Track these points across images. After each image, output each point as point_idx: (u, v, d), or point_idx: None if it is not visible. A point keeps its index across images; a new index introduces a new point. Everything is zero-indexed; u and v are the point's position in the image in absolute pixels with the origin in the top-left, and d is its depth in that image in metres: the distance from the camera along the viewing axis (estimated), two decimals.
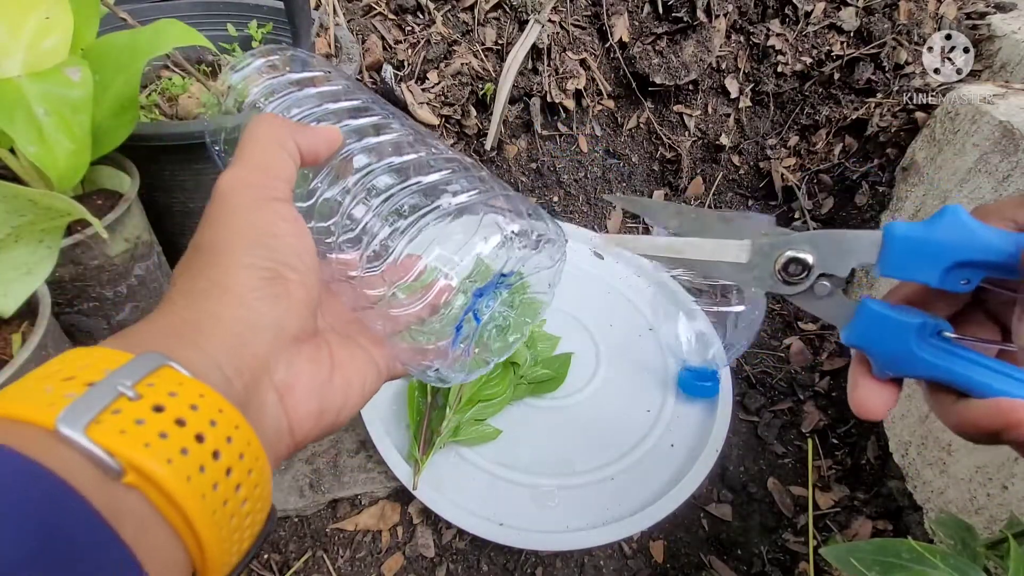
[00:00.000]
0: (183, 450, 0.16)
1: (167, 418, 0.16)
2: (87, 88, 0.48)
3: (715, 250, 0.25)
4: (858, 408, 0.23)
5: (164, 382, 0.17)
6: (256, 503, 0.18)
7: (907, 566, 0.36)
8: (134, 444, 0.15)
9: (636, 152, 0.98)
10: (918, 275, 0.21)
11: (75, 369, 0.16)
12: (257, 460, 0.18)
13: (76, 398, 0.15)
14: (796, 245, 0.23)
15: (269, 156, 0.23)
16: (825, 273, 0.23)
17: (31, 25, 0.48)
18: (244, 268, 0.20)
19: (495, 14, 0.89)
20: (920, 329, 0.21)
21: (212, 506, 0.16)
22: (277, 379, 0.21)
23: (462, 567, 0.60)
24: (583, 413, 0.68)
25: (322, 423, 0.22)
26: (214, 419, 0.17)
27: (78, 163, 0.49)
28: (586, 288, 0.82)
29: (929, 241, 0.21)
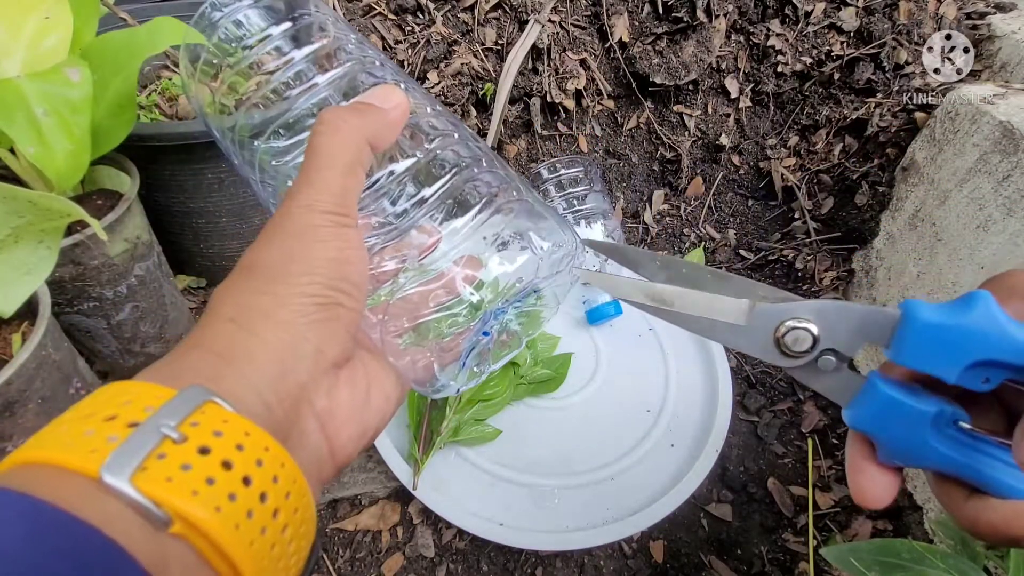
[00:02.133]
0: (231, 496, 0.15)
1: (213, 461, 0.16)
2: (86, 88, 0.48)
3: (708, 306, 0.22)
4: (862, 498, 0.21)
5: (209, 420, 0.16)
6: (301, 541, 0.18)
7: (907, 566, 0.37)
8: (182, 492, 0.15)
9: (636, 152, 0.98)
10: (935, 369, 0.18)
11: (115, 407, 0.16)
12: (302, 497, 0.18)
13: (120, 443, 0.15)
14: (801, 314, 0.21)
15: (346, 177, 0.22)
16: (831, 348, 0.21)
17: (31, 25, 0.48)
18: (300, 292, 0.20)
19: (495, 14, 0.89)
20: (936, 419, 0.19)
21: (260, 552, 0.16)
22: (318, 407, 0.20)
23: (462, 567, 0.60)
24: (583, 413, 0.68)
25: (362, 443, 0.22)
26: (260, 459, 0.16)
27: (78, 163, 0.49)
28: (586, 288, 0.82)
29: (952, 332, 0.18)
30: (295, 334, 0.19)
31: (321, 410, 0.20)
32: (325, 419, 0.20)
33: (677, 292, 0.23)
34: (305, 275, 0.20)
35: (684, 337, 0.77)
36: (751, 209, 0.97)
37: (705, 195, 0.97)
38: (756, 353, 0.22)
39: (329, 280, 0.20)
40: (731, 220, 0.97)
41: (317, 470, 0.21)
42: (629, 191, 0.99)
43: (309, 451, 0.20)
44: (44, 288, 0.50)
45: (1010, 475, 0.18)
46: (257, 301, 0.20)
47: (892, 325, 0.19)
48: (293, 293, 0.20)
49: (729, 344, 0.22)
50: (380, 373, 0.23)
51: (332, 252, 0.21)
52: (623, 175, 0.98)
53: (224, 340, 0.19)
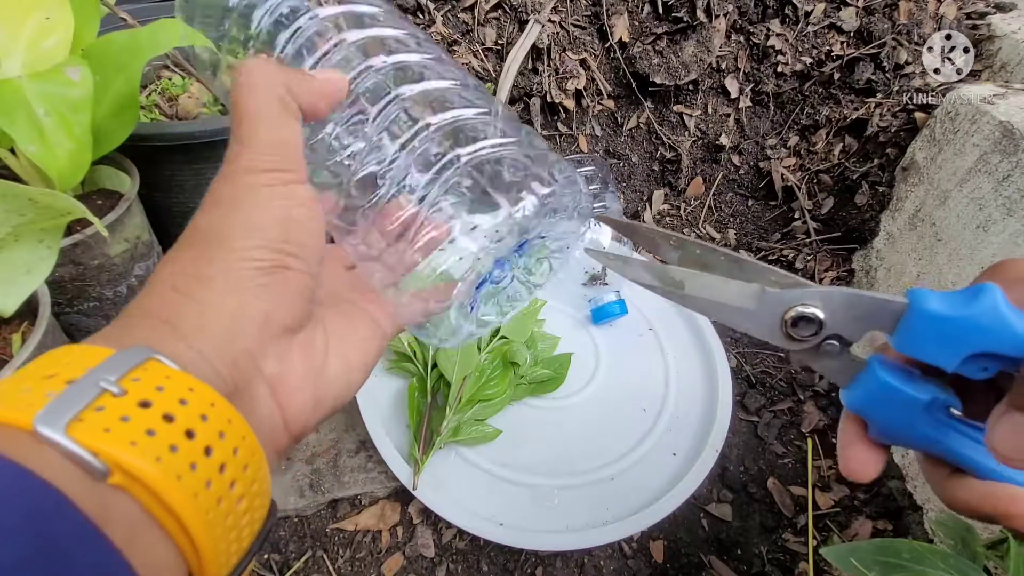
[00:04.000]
0: (172, 447, 0.15)
1: (154, 414, 0.15)
2: (87, 88, 0.48)
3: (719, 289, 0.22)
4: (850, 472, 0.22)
5: (151, 376, 0.16)
6: (254, 499, 0.17)
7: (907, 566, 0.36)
8: (119, 442, 0.14)
9: (636, 152, 0.98)
10: (935, 358, 0.19)
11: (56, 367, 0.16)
12: (253, 455, 0.17)
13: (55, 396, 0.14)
14: (809, 301, 0.21)
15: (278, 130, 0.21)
16: (835, 334, 0.21)
17: (31, 25, 0.48)
18: (243, 257, 0.19)
19: (495, 14, 0.89)
20: (929, 405, 0.20)
21: (205, 505, 0.15)
22: (268, 373, 0.20)
23: (462, 567, 0.60)
24: (583, 413, 0.68)
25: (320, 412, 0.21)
26: (205, 413, 0.16)
27: (79, 163, 0.49)
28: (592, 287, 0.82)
29: (956, 323, 0.18)
30: (239, 300, 0.19)
31: (271, 376, 0.20)
32: (276, 385, 0.20)
33: (688, 274, 0.23)
34: (244, 239, 0.19)
35: (684, 337, 0.77)
36: (751, 209, 0.97)
37: (705, 195, 0.97)
38: (763, 336, 0.22)
39: (271, 243, 0.20)
40: (731, 220, 0.97)
41: (271, 438, 0.20)
42: (629, 191, 0.99)
43: (261, 418, 0.19)
44: (44, 288, 0.50)
45: (990, 458, 0.19)
46: (198, 269, 0.19)
47: (897, 314, 0.20)
48: (234, 259, 0.19)
49: (737, 327, 0.23)
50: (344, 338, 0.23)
51: (275, 212, 0.20)
52: (623, 175, 0.98)
53: (168, 307, 0.18)
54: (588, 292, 0.76)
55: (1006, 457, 0.18)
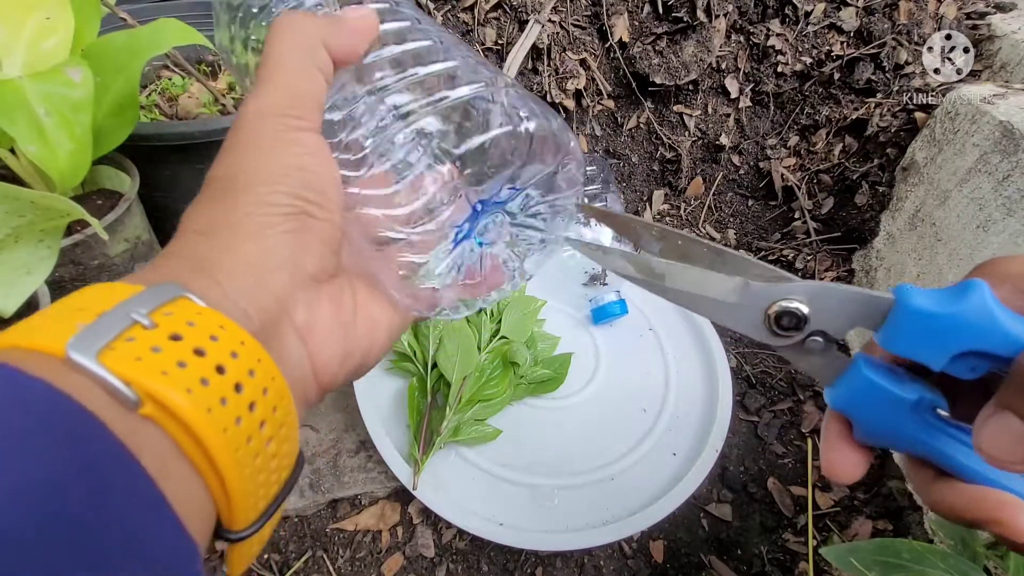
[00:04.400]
0: (203, 380, 0.15)
1: (185, 347, 0.15)
2: (88, 88, 0.48)
3: (700, 282, 0.22)
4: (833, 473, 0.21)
5: (181, 311, 0.16)
6: (282, 444, 0.17)
7: (907, 566, 0.37)
8: (151, 372, 0.14)
9: (636, 152, 0.98)
10: (922, 356, 0.18)
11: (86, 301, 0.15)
12: (282, 398, 0.17)
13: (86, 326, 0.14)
14: (793, 295, 0.21)
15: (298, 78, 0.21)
16: (820, 330, 0.21)
17: (32, 25, 0.48)
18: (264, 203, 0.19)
19: (495, 14, 0.89)
20: (916, 405, 0.19)
21: (235, 442, 0.15)
22: (298, 321, 0.19)
23: (462, 567, 0.60)
24: (583, 413, 0.68)
25: (348, 366, 0.21)
26: (235, 351, 0.16)
27: (79, 163, 0.49)
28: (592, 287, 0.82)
29: (944, 321, 0.18)
30: (265, 246, 0.19)
31: (301, 324, 0.20)
32: (305, 334, 0.20)
33: (670, 267, 0.22)
34: (264, 184, 0.19)
35: (684, 337, 0.77)
36: (751, 209, 0.97)
37: (705, 195, 0.97)
38: (746, 331, 0.22)
39: (292, 188, 0.19)
40: (731, 220, 0.97)
41: (301, 388, 0.20)
42: (629, 191, 0.99)
43: (291, 365, 0.19)
44: (44, 288, 0.50)
45: (977, 461, 0.19)
46: (222, 214, 0.19)
47: (884, 310, 0.19)
48: (256, 203, 0.19)
49: (719, 321, 0.22)
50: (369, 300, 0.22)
51: (289, 159, 0.20)
52: (623, 175, 0.98)
53: (197, 250, 0.18)
54: (588, 292, 0.76)
55: (993, 458, 0.17)
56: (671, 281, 0.22)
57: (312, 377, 0.20)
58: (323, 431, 0.67)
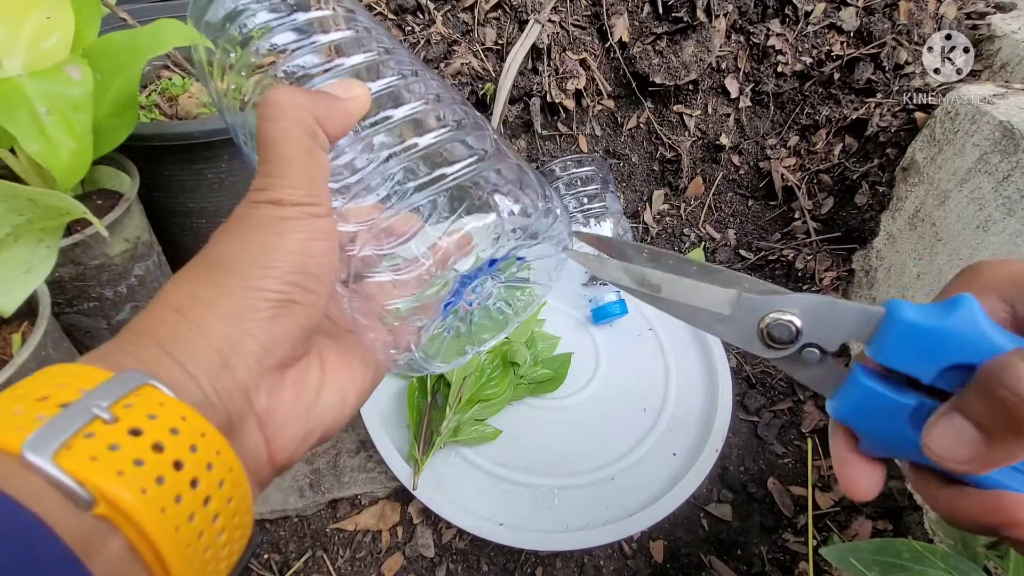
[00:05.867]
0: (159, 479, 0.15)
1: (144, 443, 0.15)
2: (88, 86, 0.48)
3: (695, 294, 0.22)
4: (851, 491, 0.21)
5: (144, 403, 0.16)
6: (235, 531, 0.17)
7: (907, 566, 0.36)
8: (106, 472, 0.14)
9: (636, 152, 0.98)
10: (912, 368, 0.19)
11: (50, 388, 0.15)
12: (238, 487, 0.17)
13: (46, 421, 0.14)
14: (785, 308, 0.21)
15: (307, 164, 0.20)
16: (812, 343, 0.21)
17: (32, 24, 0.48)
18: (253, 287, 0.19)
19: (495, 14, 0.89)
20: (916, 411, 0.19)
21: (186, 539, 0.15)
22: (258, 406, 0.20)
23: (462, 567, 0.60)
24: (583, 413, 0.68)
25: (308, 443, 0.21)
26: (195, 444, 0.16)
27: (80, 162, 0.49)
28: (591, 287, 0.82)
29: (933, 334, 0.18)
30: (239, 328, 0.19)
31: (260, 410, 0.20)
32: (264, 419, 0.20)
33: (665, 278, 0.23)
34: (260, 268, 0.19)
35: (684, 337, 0.77)
36: (751, 209, 0.97)
37: (705, 195, 0.97)
38: (739, 343, 0.22)
39: (286, 275, 0.19)
40: (731, 220, 0.97)
41: (255, 470, 0.20)
42: (629, 191, 0.99)
43: (247, 450, 0.19)
44: (44, 288, 0.50)
45: None
46: (204, 292, 0.19)
47: (875, 323, 0.20)
48: (243, 287, 0.19)
49: (713, 332, 0.23)
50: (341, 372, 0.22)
51: (295, 244, 0.20)
52: (623, 175, 0.98)
53: (166, 328, 0.18)
54: (588, 292, 0.76)
55: (937, 456, 0.18)
56: (666, 292, 0.23)
57: (267, 460, 0.20)
58: None
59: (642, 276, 0.23)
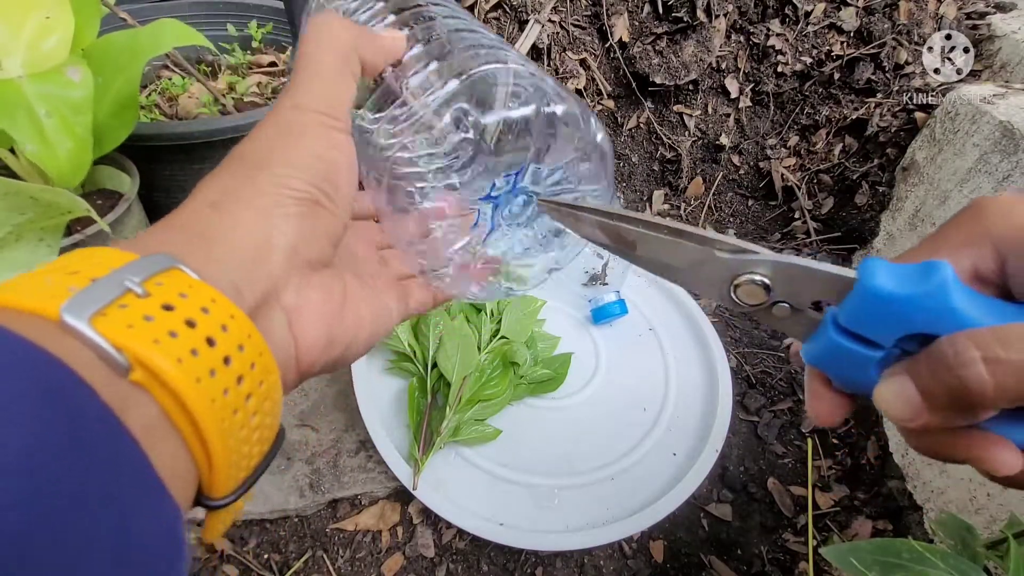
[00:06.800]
0: (193, 351, 0.15)
1: (177, 317, 0.15)
2: (88, 88, 0.48)
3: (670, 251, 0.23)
4: (818, 416, 0.22)
5: (174, 282, 0.16)
6: (266, 417, 0.17)
7: (907, 566, 0.36)
8: (142, 339, 0.14)
9: (636, 152, 0.98)
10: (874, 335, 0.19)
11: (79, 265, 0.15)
12: (269, 374, 0.17)
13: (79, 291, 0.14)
14: (757, 269, 0.22)
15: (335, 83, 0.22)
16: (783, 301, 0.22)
17: (32, 25, 0.48)
18: (280, 184, 0.20)
19: (495, 14, 0.89)
20: (881, 362, 0.20)
21: (221, 413, 0.15)
22: (286, 302, 0.20)
23: (462, 567, 0.60)
24: (583, 413, 0.68)
25: (330, 354, 0.22)
26: (226, 324, 0.16)
27: (79, 163, 0.49)
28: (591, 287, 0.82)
29: (902, 303, 0.18)
30: (271, 224, 0.19)
31: (290, 306, 0.20)
32: (292, 315, 0.20)
33: (640, 235, 0.23)
34: (286, 167, 0.20)
35: (684, 337, 0.77)
36: (751, 209, 0.97)
37: (705, 195, 0.97)
38: (712, 298, 0.23)
39: (310, 176, 0.20)
40: (731, 220, 0.97)
41: (283, 368, 0.20)
42: (629, 191, 0.99)
43: (276, 345, 0.19)
44: None
45: None
46: (237, 187, 0.19)
47: (846, 287, 0.20)
48: (272, 182, 0.20)
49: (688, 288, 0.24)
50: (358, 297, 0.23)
51: (317, 150, 0.21)
52: (623, 175, 0.98)
53: (200, 221, 0.19)
54: (588, 292, 0.76)
55: (882, 409, 0.19)
56: (642, 250, 0.23)
57: (294, 359, 0.20)
58: (323, 431, 0.67)
59: (617, 233, 0.23)
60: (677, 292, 0.81)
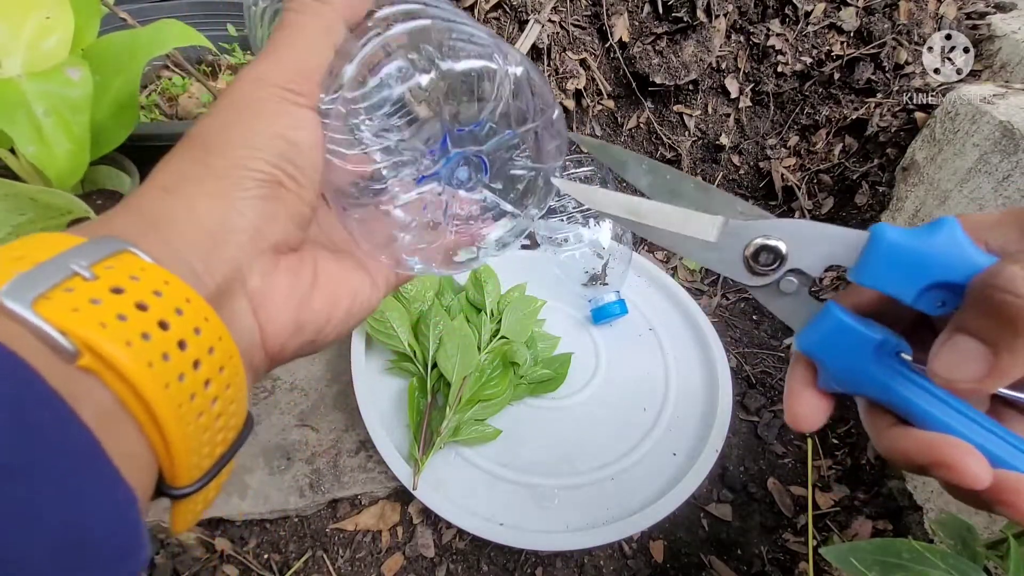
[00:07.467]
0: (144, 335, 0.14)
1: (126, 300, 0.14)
2: (87, 88, 0.48)
3: (681, 221, 0.22)
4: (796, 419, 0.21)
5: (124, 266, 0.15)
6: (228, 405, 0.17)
7: (907, 566, 0.36)
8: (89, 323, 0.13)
9: (636, 152, 0.98)
10: (894, 288, 0.19)
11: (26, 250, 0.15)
12: (230, 358, 0.17)
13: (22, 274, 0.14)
14: (772, 232, 0.21)
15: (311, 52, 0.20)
16: (796, 268, 0.21)
17: (31, 25, 0.48)
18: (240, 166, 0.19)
19: (495, 14, 0.89)
20: (880, 346, 0.20)
21: (178, 399, 0.15)
22: (251, 287, 0.19)
23: (462, 567, 0.60)
24: (583, 413, 0.68)
25: (299, 339, 0.21)
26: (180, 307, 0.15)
27: (77, 163, 0.49)
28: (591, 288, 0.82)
29: (916, 253, 0.18)
30: (229, 207, 0.18)
31: (253, 290, 0.19)
32: (257, 301, 0.19)
33: (652, 207, 0.23)
34: (244, 147, 0.19)
35: (684, 337, 0.77)
36: None
37: None
38: (724, 270, 0.22)
39: (272, 157, 0.19)
40: None
41: (249, 354, 0.19)
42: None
43: (240, 330, 0.19)
44: None
45: (936, 407, 0.19)
46: (192, 170, 0.18)
47: (859, 246, 0.20)
48: (230, 164, 0.18)
49: (699, 260, 0.23)
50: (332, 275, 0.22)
51: (277, 128, 0.19)
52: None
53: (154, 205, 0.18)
54: (588, 292, 0.76)
55: (945, 379, 0.18)
56: (651, 219, 0.23)
57: (260, 345, 0.20)
58: (323, 431, 0.67)
59: (629, 205, 0.23)
60: (677, 292, 0.81)
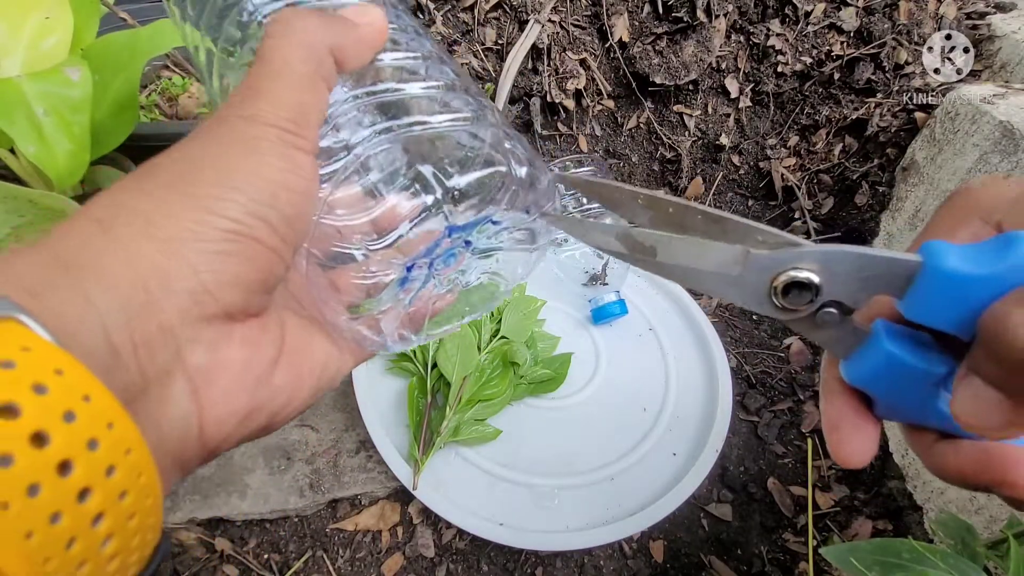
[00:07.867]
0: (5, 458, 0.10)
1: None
2: (86, 88, 0.48)
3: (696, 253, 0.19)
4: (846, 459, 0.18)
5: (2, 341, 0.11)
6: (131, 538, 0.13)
7: (907, 566, 0.36)
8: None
9: (636, 152, 0.98)
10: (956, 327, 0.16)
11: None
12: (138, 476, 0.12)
13: None
14: (802, 263, 0.18)
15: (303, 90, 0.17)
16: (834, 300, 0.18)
17: (31, 25, 0.48)
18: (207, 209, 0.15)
19: (495, 14, 0.89)
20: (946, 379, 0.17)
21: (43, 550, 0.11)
22: (193, 363, 0.15)
23: (462, 567, 0.60)
24: (583, 413, 0.68)
25: (249, 426, 0.17)
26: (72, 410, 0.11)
27: (77, 163, 0.49)
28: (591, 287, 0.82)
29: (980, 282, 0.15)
30: (178, 257, 0.14)
31: (195, 368, 0.15)
32: (199, 382, 0.15)
33: (659, 238, 0.19)
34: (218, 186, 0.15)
35: (684, 337, 0.77)
36: (751, 209, 0.97)
37: (705, 195, 0.97)
38: (750, 306, 0.19)
39: (252, 202, 0.15)
40: None
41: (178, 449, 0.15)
42: None
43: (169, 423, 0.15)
44: None
45: None
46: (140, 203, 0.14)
47: (909, 274, 0.16)
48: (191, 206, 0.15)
49: (720, 296, 0.19)
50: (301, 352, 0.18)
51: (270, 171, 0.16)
52: (623, 175, 0.98)
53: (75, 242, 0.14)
54: (588, 292, 0.76)
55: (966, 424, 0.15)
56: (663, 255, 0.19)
57: (196, 437, 0.16)
58: (323, 431, 0.67)
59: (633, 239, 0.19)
60: (677, 292, 0.81)
